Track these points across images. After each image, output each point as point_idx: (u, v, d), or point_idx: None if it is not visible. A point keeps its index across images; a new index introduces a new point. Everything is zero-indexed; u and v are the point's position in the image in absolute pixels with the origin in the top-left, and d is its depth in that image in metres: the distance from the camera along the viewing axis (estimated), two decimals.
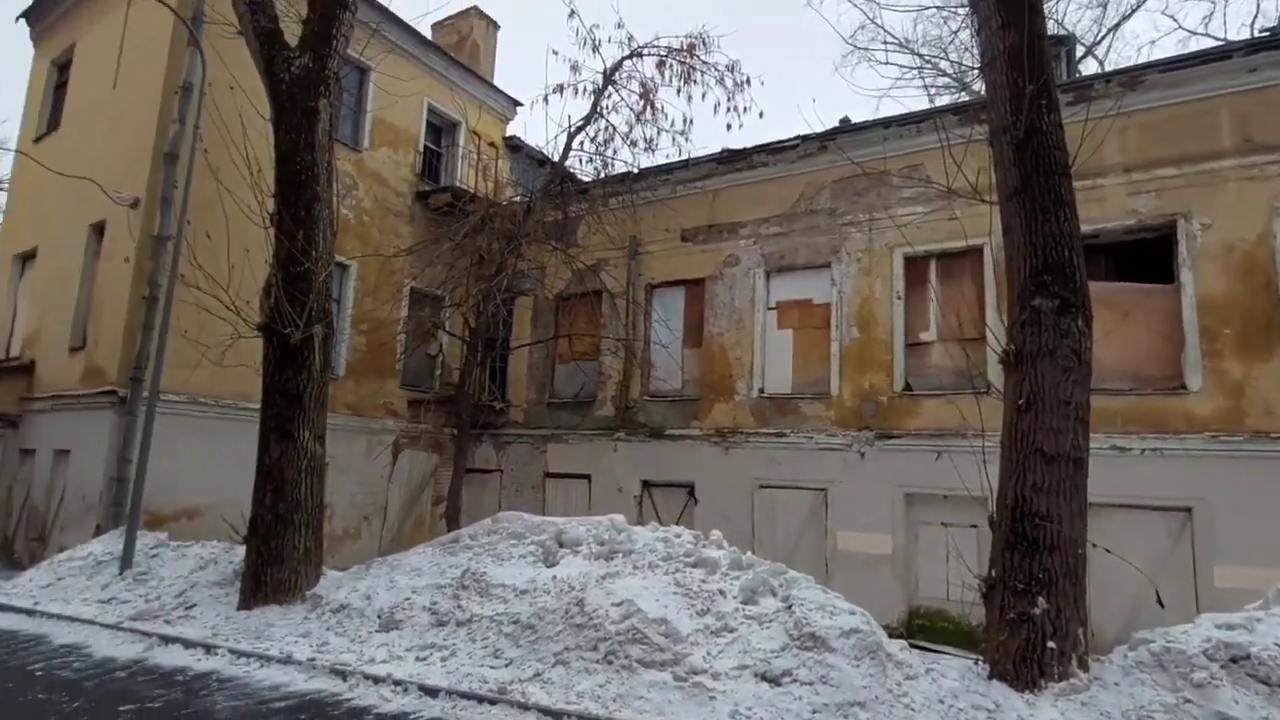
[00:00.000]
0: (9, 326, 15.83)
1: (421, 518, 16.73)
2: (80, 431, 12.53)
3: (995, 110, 6.66)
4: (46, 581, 9.90)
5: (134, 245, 12.44)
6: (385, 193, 16.43)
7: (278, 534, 8.62)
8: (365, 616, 7.84)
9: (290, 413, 8.90)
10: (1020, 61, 6.20)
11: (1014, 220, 6.29)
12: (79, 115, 15.21)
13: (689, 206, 14.97)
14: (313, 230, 9.21)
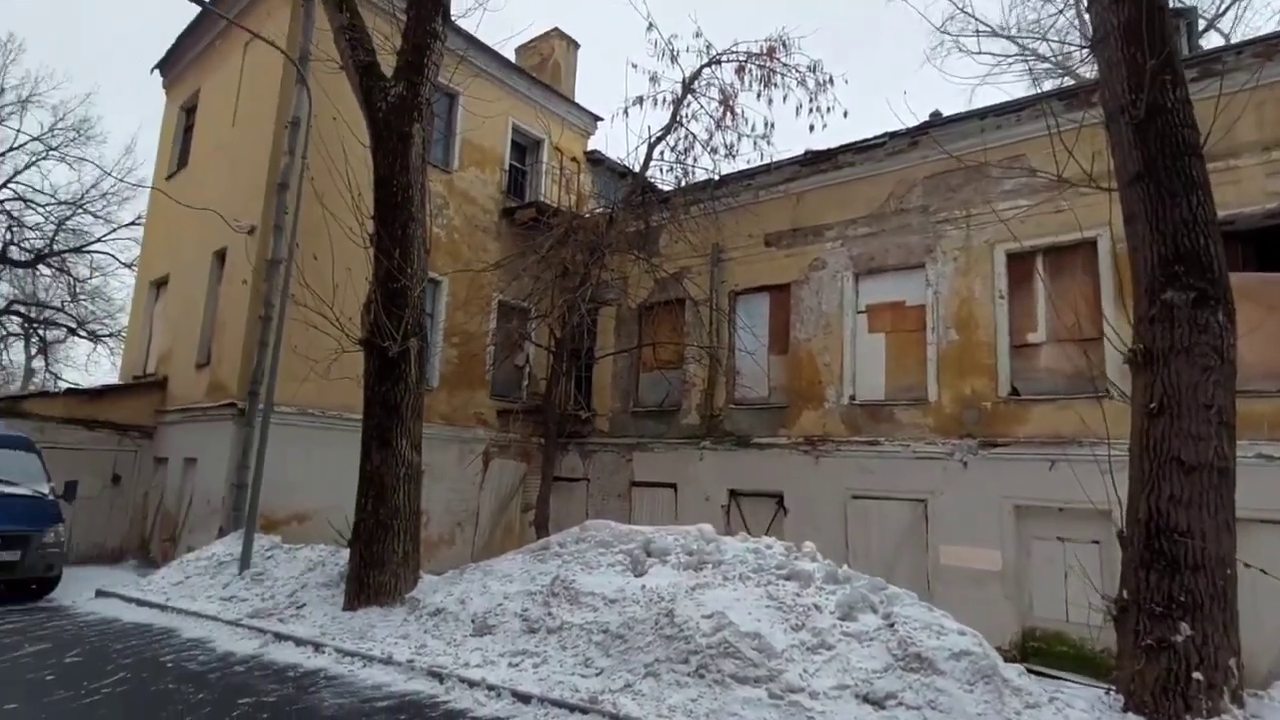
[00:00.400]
0: (146, 346, 16.72)
1: (511, 524, 16.70)
2: (205, 441, 13.02)
3: (1111, 90, 5.97)
4: (177, 579, 10.25)
5: (250, 269, 12.86)
6: (474, 210, 16.57)
7: (379, 538, 8.61)
8: (460, 621, 7.69)
9: (389, 422, 8.91)
10: (1138, 35, 5.52)
11: (1138, 207, 5.58)
12: (204, 153, 15.97)
13: (772, 211, 14.40)
14: (408, 249, 9.23)
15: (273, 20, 13.62)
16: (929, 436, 12.23)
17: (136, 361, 16.76)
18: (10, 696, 6.22)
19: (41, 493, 10.44)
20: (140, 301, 17.33)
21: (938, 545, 11.83)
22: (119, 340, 30.81)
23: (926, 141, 12.64)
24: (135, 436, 14.59)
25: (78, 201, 29.92)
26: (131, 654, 7.56)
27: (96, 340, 32.26)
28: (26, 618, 9.08)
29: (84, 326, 31.97)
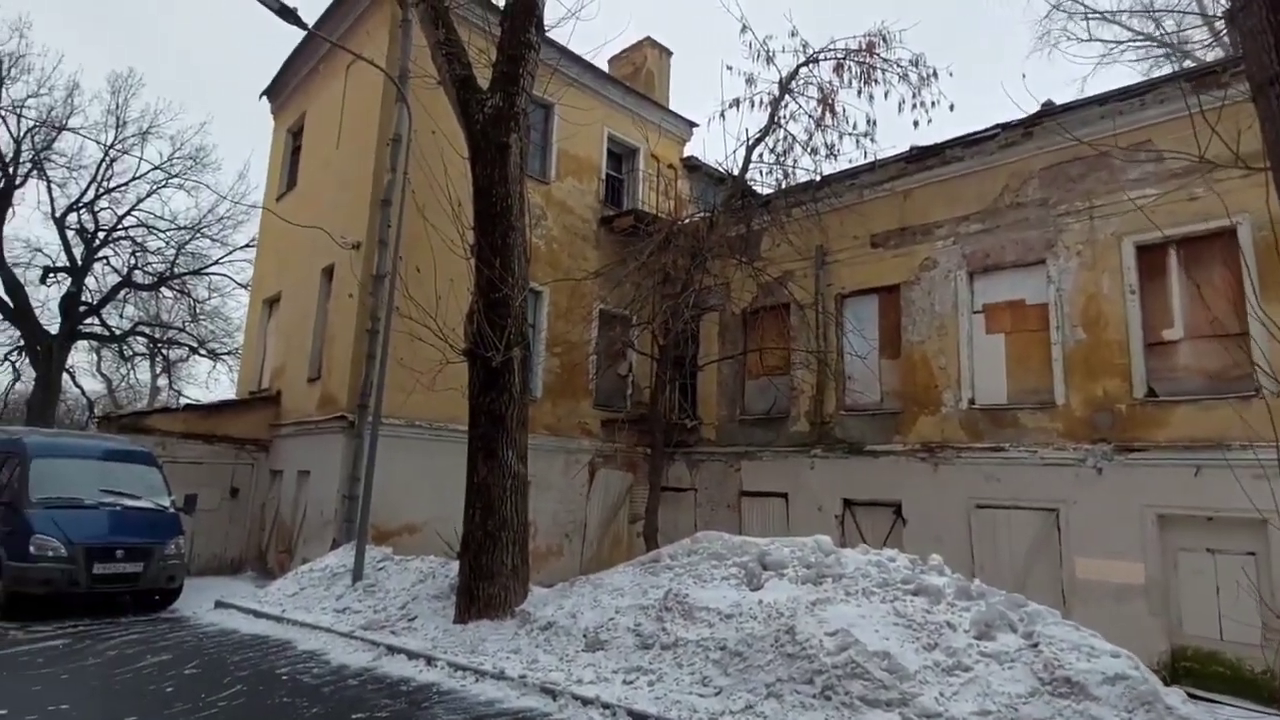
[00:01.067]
0: (260, 362, 17.72)
1: (619, 535, 16.77)
2: (317, 454, 13.65)
3: (1257, 60, 5.41)
4: (292, 591, 10.73)
5: (356, 284, 13.41)
6: (572, 220, 16.81)
7: (487, 550, 8.77)
8: (572, 635, 7.72)
9: (495, 433, 9.07)
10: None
11: None
12: (310, 173, 16.84)
13: (877, 210, 14.02)
14: (509, 258, 9.40)
15: (373, 41, 14.23)
16: (1058, 442, 11.58)
17: (252, 377, 17.79)
18: (131, 709, 6.46)
19: (163, 506, 11.14)
20: (254, 319, 18.40)
21: (1073, 557, 11.17)
22: (236, 358, 32.56)
23: (1041, 132, 12.09)
24: (252, 450, 15.45)
25: (196, 226, 31.98)
26: (248, 666, 7.88)
27: (215, 358, 34.24)
28: (150, 628, 9.66)
29: (204, 345, 33.96)
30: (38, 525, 9.70)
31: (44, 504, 10.00)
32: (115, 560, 10.02)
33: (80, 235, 30.33)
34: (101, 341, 33.35)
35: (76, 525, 9.93)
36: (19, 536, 9.65)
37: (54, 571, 9.56)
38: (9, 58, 27.01)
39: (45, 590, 9.57)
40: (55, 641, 8.63)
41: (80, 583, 9.71)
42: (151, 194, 30.97)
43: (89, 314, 30.88)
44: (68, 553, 9.67)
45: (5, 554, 9.64)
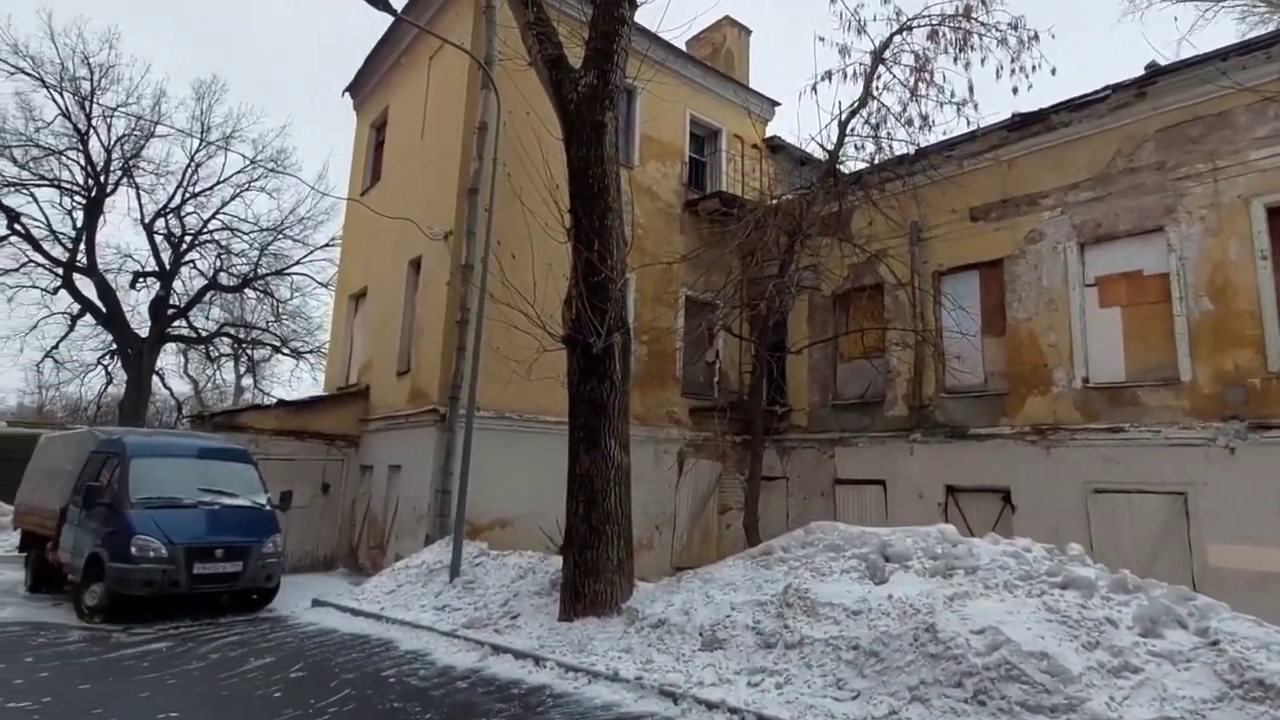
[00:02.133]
0: (347, 358, 17.93)
1: (708, 527, 16.43)
2: (408, 448, 13.66)
3: None
4: (389, 588, 10.70)
5: (449, 272, 13.33)
6: (656, 205, 16.46)
7: (592, 545, 8.52)
8: (686, 634, 7.40)
9: (597, 422, 8.81)
10: None
11: None
12: (394, 167, 16.88)
13: (977, 182, 13.27)
14: (607, 241, 9.12)
15: (458, 27, 14.16)
16: (1184, 420, 10.78)
17: (339, 373, 18.01)
18: (241, 715, 6.37)
19: (259, 504, 11.16)
20: (340, 315, 18.63)
21: (1204, 544, 10.40)
22: (318, 356, 33.23)
23: (1155, 92, 11.28)
24: (341, 445, 15.60)
25: (277, 227, 32.67)
26: (354, 668, 7.69)
27: (298, 357, 34.96)
28: (250, 629, 9.62)
29: (287, 345, 34.67)
30: (139, 526, 9.75)
31: (144, 504, 10.05)
32: (215, 560, 10.03)
33: (168, 240, 31.12)
34: (188, 343, 34.24)
35: (176, 525, 9.97)
36: (120, 537, 9.70)
37: (155, 572, 9.59)
38: (100, 69, 28.01)
39: (147, 591, 9.58)
40: (158, 644, 8.62)
41: (181, 583, 9.73)
42: (235, 197, 31.57)
43: (177, 317, 31.62)
44: (168, 553, 9.68)
45: (107, 555, 9.70)
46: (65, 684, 6.89)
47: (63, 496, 11.28)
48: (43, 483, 12.48)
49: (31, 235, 27.35)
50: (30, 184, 27.18)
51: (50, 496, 11.82)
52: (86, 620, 9.68)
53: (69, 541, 10.73)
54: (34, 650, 8.13)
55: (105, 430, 12.48)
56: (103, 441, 11.47)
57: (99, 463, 10.93)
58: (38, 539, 12.04)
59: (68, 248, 28.07)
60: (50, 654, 8.01)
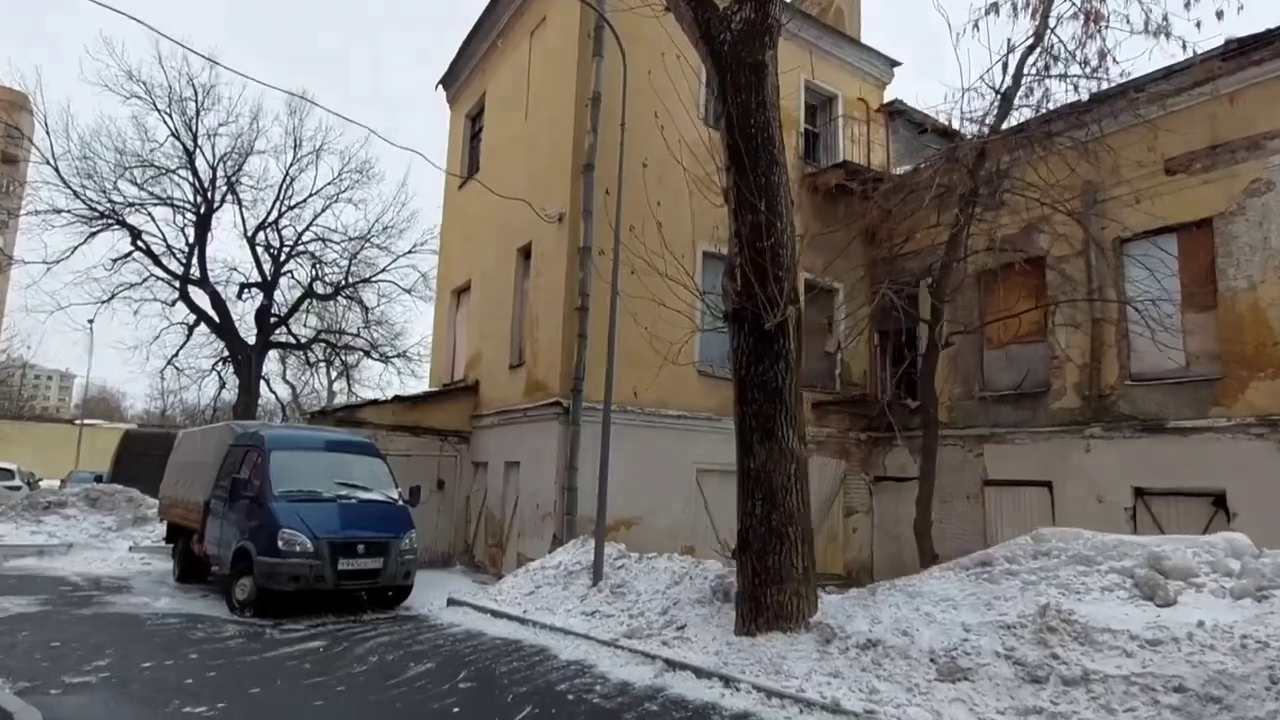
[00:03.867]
0: (451, 354, 17.02)
1: (833, 531, 14.85)
2: (528, 443, 12.55)
3: None
4: (527, 589, 9.56)
5: (564, 259, 12.19)
6: None
7: (773, 549, 7.12)
8: (912, 659, 5.91)
9: (772, 409, 7.41)
10: None
11: None
12: (495, 155, 15.89)
13: (1178, 126, 10.98)
14: (775, 199, 7.73)
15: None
16: None
17: (444, 369, 17.12)
18: None
19: (392, 498, 10.29)
20: (443, 311, 17.75)
21: None
22: (405, 360, 33.37)
23: None
24: (454, 441, 14.64)
25: (365, 236, 32.75)
26: (522, 680, 6.65)
27: (385, 361, 34.91)
28: (395, 628, 8.76)
29: (376, 349, 34.71)
30: (284, 519, 9.01)
31: (286, 497, 9.33)
32: (357, 555, 9.21)
33: (267, 252, 31.78)
34: (288, 349, 34.92)
35: (319, 519, 9.22)
36: (266, 530, 8.99)
37: (302, 567, 8.84)
38: (203, 89, 28.54)
39: (294, 587, 8.85)
40: (313, 643, 7.80)
41: (326, 579, 8.96)
42: (325, 209, 31.95)
43: (278, 325, 32.33)
44: (314, 548, 8.93)
45: (254, 549, 9.01)
46: (235, 687, 6.19)
47: (205, 489, 10.81)
48: (185, 476, 12.12)
49: (151, 251, 28.21)
50: (148, 204, 28.11)
51: (193, 489, 11.39)
52: (238, 614, 9.11)
53: (214, 534, 10.26)
54: (196, 645, 7.54)
55: (242, 424, 11.90)
56: (240, 435, 10.93)
57: (239, 456, 10.36)
58: (183, 531, 11.68)
59: (182, 262, 28.87)
60: (212, 650, 7.38)
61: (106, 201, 27.25)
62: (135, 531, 15.00)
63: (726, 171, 8.04)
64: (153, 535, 14.83)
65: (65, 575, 11.58)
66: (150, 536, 14.76)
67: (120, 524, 15.13)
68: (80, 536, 14.30)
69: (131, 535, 14.76)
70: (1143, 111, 10.97)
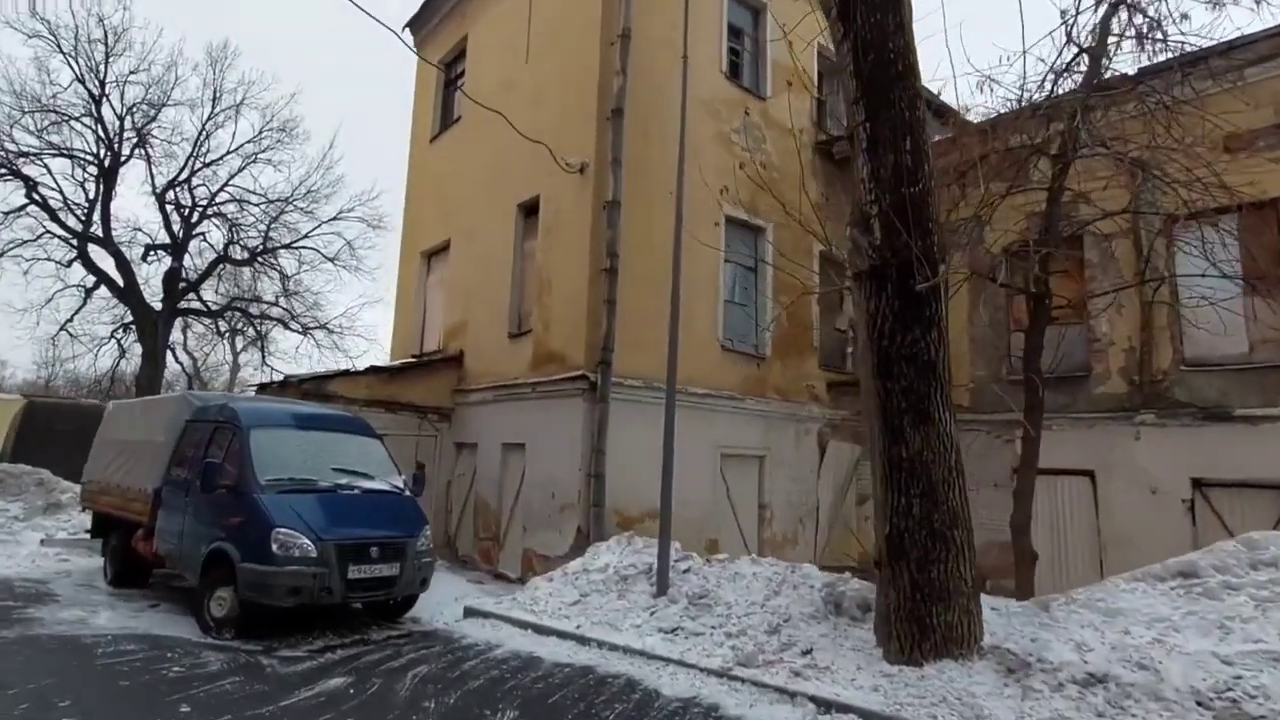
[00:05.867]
0: (420, 322, 14.83)
1: (848, 520, 13.64)
2: (538, 423, 10.68)
3: None
4: (570, 598, 7.78)
5: (587, 214, 10.36)
6: (788, 144, 13.45)
7: (938, 558, 5.67)
8: (1166, 700, 4.60)
9: (925, 386, 5.95)
10: None
11: None
12: (484, 101, 13.69)
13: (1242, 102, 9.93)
14: (919, 136, 6.24)
15: None
16: None
17: (411, 339, 14.89)
18: None
19: (398, 488, 8.24)
20: (409, 275, 15.44)
21: None
22: (327, 332, 30.43)
23: None
24: (434, 420, 12.54)
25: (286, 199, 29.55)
26: None
27: (306, 332, 31.84)
28: (422, 653, 6.79)
29: (295, 319, 31.59)
30: (277, 516, 6.85)
31: (274, 487, 7.15)
32: (370, 560, 7.11)
33: (178, 211, 28.30)
34: (198, 316, 31.43)
35: (319, 516, 7.08)
36: (254, 530, 6.82)
37: (304, 576, 6.70)
38: (113, 31, 24.86)
39: (293, 602, 6.73)
40: (332, 680, 5.76)
41: (334, 591, 6.85)
42: (243, 169, 28.61)
43: (188, 291, 28.98)
44: (317, 552, 6.79)
45: (237, 553, 6.82)
46: None
47: (155, 475, 8.35)
48: (121, 457, 9.44)
49: (49, 205, 24.59)
50: (45, 153, 24.55)
51: (135, 474, 8.89)
52: (213, 634, 6.89)
53: (170, 530, 7.91)
54: (179, 690, 5.34)
55: (200, 395, 9.35)
56: (200, 409, 8.55)
57: (202, 434, 8.06)
58: (117, 524, 9.17)
59: (80, 219, 25.30)
60: (207, 701, 5.18)
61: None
62: (47, 521, 12.14)
63: (855, 106, 6.47)
64: (69, 526, 12.07)
65: None
66: (66, 528, 11.98)
67: (28, 512, 12.22)
68: None
69: (43, 526, 11.93)
70: (1212, 83, 10.07)
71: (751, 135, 12.77)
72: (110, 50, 24.64)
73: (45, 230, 24.87)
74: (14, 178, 23.84)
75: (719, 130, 12.24)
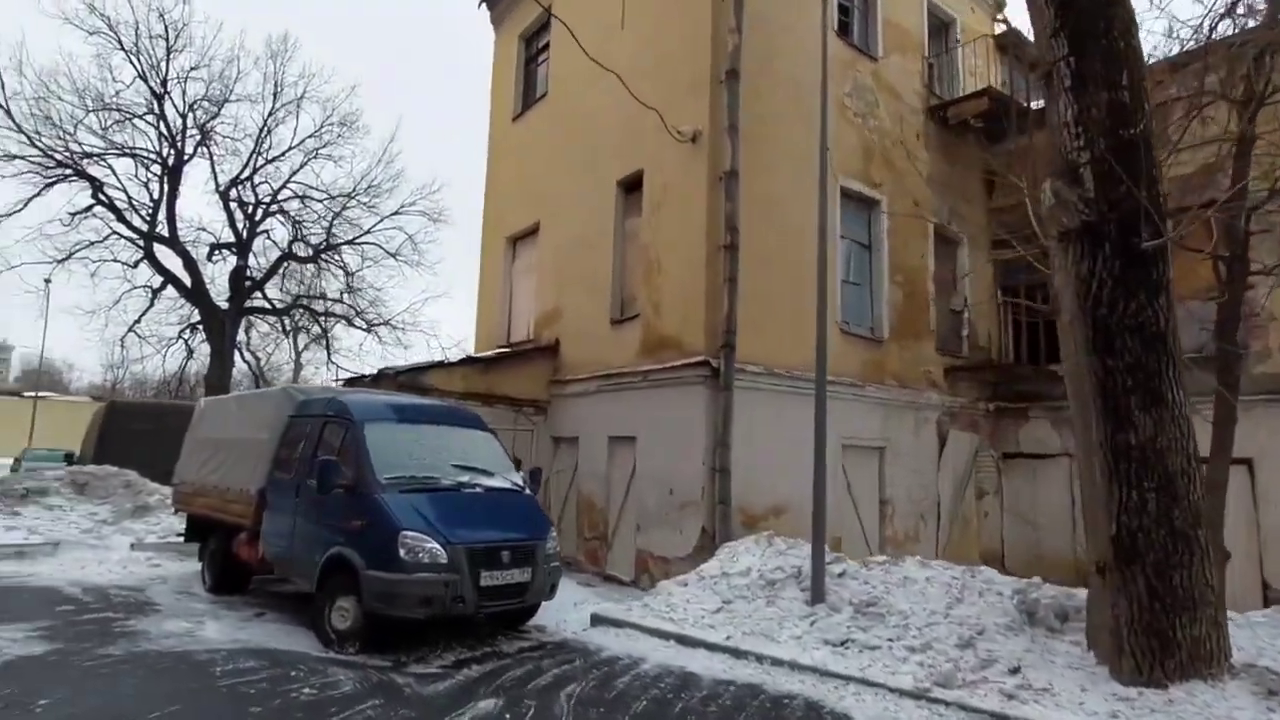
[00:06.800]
0: (506, 311, 14.44)
1: (968, 517, 12.82)
2: (650, 413, 10.14)
3: None
4: (713, 605, 7.21)
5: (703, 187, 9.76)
6: (900, 109, 12.74)
7: (1181, 562, 4.96)
8: None
9: (1155, 363, 5.25)
10: None
11: None
12: (574, 76, 13.18)
13: None
14: (1136, 69, 5.49)
15: None
16: None
17: (497, 329, 14.50)
18: None
19: (519, 485, 7.76)
20: (494, 262, 15.04)
21: None
22: (389, 329, 30.44)
23: None
24: (530, 412, 12.12)
25: (349, 194, 29.68)
26: None
27: (370, 329, 32.03)
28: (565, 667, 6.24)
29: (360, 315, 31.79)
30: (402, 518, 6.39)
31: (395, 486, 6.71)
32: (502, 566, 6.62)
33: (241, 209, 28.70)
34: (264, 315, 31.86)
35: (447, 517, 6.60)
36: (378, 534, 6.36)
37: (435, 585, 6.22)
38: (173, 27, 25.10)
39: (425, 613, 6.27)
40: (482, 703, 5.24)
41: (467, 600, 6.37)
42: (305, 164, 28.85)
43: (254, 289, 29.38)
44: (448, 557, 6.31)
45: (361, 559, 6.36)
46: None
47: (258, 474, 7.95)
48: (218, 457, 9.08)
49: (115, 206, 25.03)
50: (109, 153, 24.93)
51: (234, 474, 8.51)
52: (337, 649, 6.39)
53: (279, 533, 7.51)
54: (315, 715, 4.87)
55: (302, 389, 8.95)
56: (304, 403, 8.12)
57: (310, 430, 7.63)
58: (214, 527, 8.88)
59: (146, 219, 25.71)
60: None
61: (64, 149, 23.96)
62: (135, 524, 12.06)
63: (1054, 39, 5.72)
64: (158, 529, 11.96)
65: (59, 586, 8.64)
66: (155, 530, 11.89)
67: (117, 515, 12.19)
68: (69, 532, 11.34)
69: (131, 529, 11.85)
70: None
71: (864, 99, 12.00)
72: (171, 46, 24.99)
73: (112, 231, 25.44)
74: (80, 178, 24.32)
75: (831, 93, 11.48)
